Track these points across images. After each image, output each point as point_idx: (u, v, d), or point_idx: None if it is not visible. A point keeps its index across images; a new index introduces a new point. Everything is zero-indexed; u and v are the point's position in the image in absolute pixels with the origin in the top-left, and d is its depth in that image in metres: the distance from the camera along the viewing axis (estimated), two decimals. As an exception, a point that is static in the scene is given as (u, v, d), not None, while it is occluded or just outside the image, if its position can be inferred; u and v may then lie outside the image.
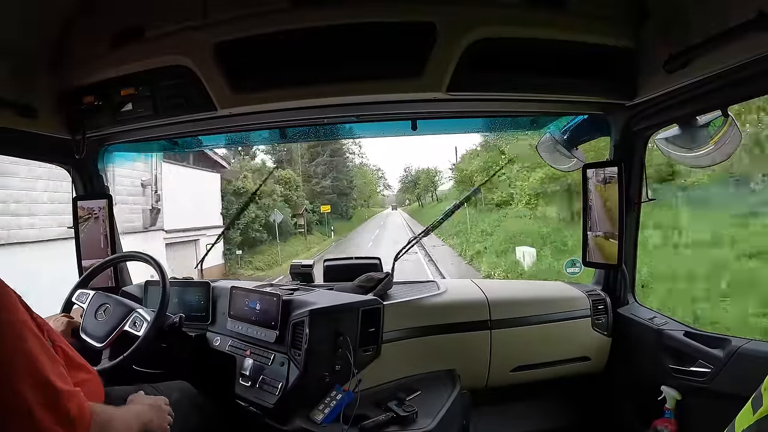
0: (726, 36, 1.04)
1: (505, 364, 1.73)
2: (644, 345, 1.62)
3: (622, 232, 1.61)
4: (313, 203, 22.02)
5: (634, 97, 1.44)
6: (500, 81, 1.39)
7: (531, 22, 1.32)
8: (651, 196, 1.66)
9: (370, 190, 37.12)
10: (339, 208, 26.10)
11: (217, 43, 1.35)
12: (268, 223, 15.51)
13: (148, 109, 1.50)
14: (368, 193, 36.19)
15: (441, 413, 1.38)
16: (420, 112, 1.68)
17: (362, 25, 1.31)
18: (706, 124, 1.37)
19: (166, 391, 1.26)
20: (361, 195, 34.50)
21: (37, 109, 1.42)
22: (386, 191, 47.36)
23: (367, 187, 36.22)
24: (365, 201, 38.78)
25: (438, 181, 37.21)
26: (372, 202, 44.12)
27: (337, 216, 23.96)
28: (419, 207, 39.02)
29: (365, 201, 38.78)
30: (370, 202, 43.51)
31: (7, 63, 1.33)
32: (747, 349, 1.28)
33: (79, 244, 1.84)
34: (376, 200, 45.50)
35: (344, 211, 27.90)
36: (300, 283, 1.86)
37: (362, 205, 35.95)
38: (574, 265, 1.94)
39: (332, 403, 1.32)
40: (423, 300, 1.70)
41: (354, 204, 26.79)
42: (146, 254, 1.55)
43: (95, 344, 1.36)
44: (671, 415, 1.49)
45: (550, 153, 1.91)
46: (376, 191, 40.95)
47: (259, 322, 1.47)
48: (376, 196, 45.02)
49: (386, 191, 47.36)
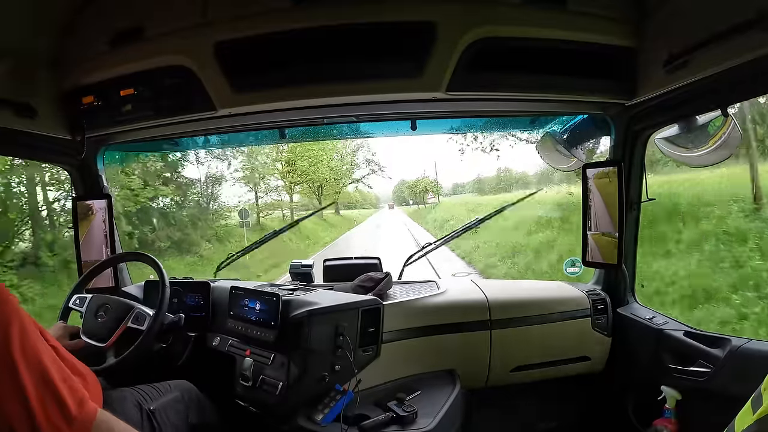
0: (726, 35, 1.04)
1: (505, 363, 1.73)
2: (644, 345, 1.62)
3: (621, 231, 1.61)
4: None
5: (634, 96, 1.44)
6: (500, 80, 1.39)
7: (531, 22, 1.32)
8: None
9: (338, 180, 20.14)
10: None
11: (217, 43, 1.34)
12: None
13: (148, 109, 1.49)
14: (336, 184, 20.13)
15: (441, 413, 1.38)
16: (420, 111, 1.68)
17: (362, 25, 1.31)
18: (706, 123, 1.37)
19: (164, 390, 1.27)
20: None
21: (37, 109, 1.42)
22: (376, 188, 29.57)
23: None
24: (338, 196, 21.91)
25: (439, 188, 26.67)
26: (359, 201, 28.24)
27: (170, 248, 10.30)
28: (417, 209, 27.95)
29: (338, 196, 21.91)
30: (367, 202, 28.91)
31: (6, 63, 1.32)
32: (747, 348, 1.28)
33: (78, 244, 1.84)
34: (356, 198, 27.72)
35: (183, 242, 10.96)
36: (300, 283, 1.86)
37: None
38: (574, 265, 1.94)
39: (332, 403, 1.32)
40: (423, 300, 1.70)
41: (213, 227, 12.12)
42: (146, 254, 1.56)
43: (98, 345, 1.36)
44: (671, 415, 1.49)
45: (549, 153, 1.91)
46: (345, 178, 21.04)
47: (259, 322, 1.47)
48: (359, 195, 27.96)
49: (376, 188, 29.57)
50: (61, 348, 0.99)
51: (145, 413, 1.15)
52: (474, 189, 27.14)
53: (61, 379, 0.74)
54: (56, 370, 0.75)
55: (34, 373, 0.71)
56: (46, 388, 0.72)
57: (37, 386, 0.71)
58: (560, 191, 10.50)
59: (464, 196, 26.71)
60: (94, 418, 0.76)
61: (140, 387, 1.24)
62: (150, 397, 1.21)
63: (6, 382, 0.69)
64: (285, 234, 2.12)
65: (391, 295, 1.73)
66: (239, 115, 1.54)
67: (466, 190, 28.97)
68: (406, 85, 1.37)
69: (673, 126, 1.47)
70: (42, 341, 0.76)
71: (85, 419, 0.75)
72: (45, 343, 0.77)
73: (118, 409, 1.07)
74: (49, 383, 0.73)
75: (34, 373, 0.72)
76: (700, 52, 1.13)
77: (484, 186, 25.30)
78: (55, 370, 0.75)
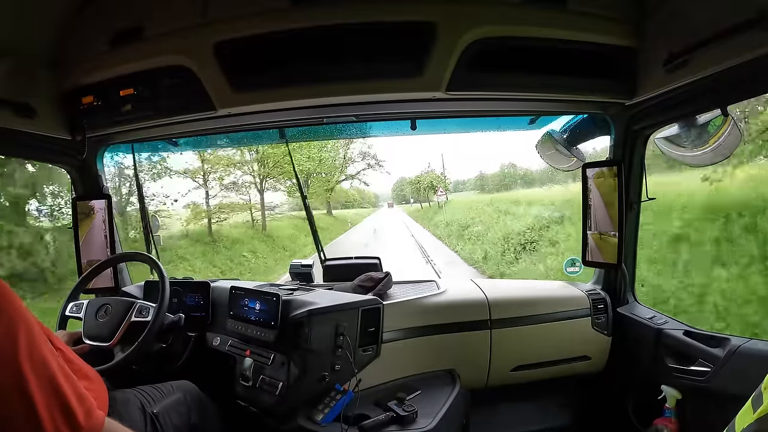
0: (726, 35, 1.04)
1: (505, 363, 1.73)
2: (644, 344, 1.62)
3: (621, 231, 1.61)
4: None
5: (634, 96, 1.44)
6: (500, 80, 1.39)
7: (531, 21, 1.32)
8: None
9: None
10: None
11: (217, 43, 1.34)
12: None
13: (148, 109, 1.49)
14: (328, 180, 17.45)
15: (441, 413, 1.38)
16: (419, 111, 1.68)
17: (362, 25, 1.31)
18: (706, 123, 1.37)
19: (166, 391, 1.27)
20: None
21: (37, 109, 1.42)
22: (374, 185, 26.76)
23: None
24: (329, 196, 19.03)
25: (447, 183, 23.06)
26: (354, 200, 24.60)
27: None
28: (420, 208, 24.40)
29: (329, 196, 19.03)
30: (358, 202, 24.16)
31: (6, 63, 1.32)
32: (747, 348, 1.28)
33: (78, 244, 1.84)
34: (353, 196, 24.60)
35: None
36: (300, 283, 1.86)
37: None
38: (574, 264, 1.94)
39: (332, 402, 1.32)
40: (423, 299, 1.70)
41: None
42: (145, 254, 1.56)
43: (103, 344, 1.37)
44: (671, 414, 1.49)
45: (549, 152, 1.91)
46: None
47: (259, 322, 1.47)
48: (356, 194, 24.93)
49: (374, 185, 26.76)
50: (69, 351, 0.98)
51: (149, 417, 1.14)
52: (476, 186, 25.21)
53: (69, 387, 0.73)
54: (64, 377, 0.74)
55: (41, 381, 0.70)
56: (54, 396, 0.70)
57: (44, 394, 0.69)
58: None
59: (465, 194, 24.22)
60: (101, 428, 0.76)
61: (142, 388, 1.24)
62: (153, 399, 1.21)
63: (13, 390, 0.67)
64: (256, 243, 1.84)
65: (391, 294, 1.73)
66: (239, 115, 1.54)
67: (468, 188, 26.85)
68: (406, 85, 1.37)
69: (673, 125, 1.47)
70: (49, 346, 0.75)
71: (92, 429, 0.74)
72: (52, 349, 0.76)
73: (122, 412, 1.07)
74: (58, 391, 0.71)
75: (42, 381, 0.70)
76: (700, 51, 1.13)
77: (487, 183, 23.37)
78: (63, 377, 0.73)
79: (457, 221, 13.99)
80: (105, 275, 1.75)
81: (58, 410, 0.70)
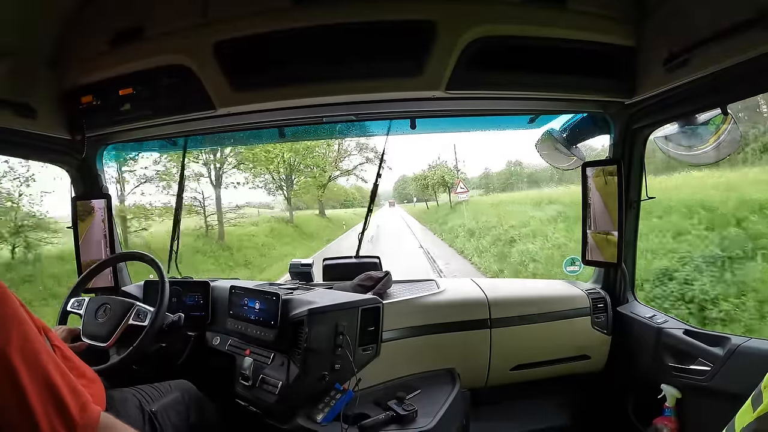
0: (726, 34, 1.04)
1: (504, 362, 1.73)
2: (644, 343, 1.62)
3: (621, 230, 1.61)
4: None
5: (634, 95, 1.44)
6: (499, 79, 1.39)
7: (531, 20, 1.32)
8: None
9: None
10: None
11: (217, 43, 1.34)
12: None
13: (148, 108, 1.49)
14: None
15: (441, 412, 1.38)
16: (419, 110, 1.68)
17: (361, 24, 1.31)
18: (706, 122, 1.37)
19: (165, 390, 1.27)
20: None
21: (37, 108, 1.42)
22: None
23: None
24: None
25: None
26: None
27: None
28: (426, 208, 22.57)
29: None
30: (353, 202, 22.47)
31: (6, 63, 1.32)
32: (747, 347, 1.28)
33: (78, 244, 1.84)
34: (352, 194, 22.56)
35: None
36: (299, 282, 1.86)
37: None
38: (574, 263, 1.94)
39: (332, 402, 1.32)
40: (423, 299, 1.70)
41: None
42: (144, 254, 1.55)
43: (100, 345, 1.36)
44: (671, 414, 1.49)
45: (549, 151, 1.91)
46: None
47: (259, 322, 1.47)
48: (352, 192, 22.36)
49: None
50: (66, 348, 0.98)
51: (147, 415, 1.14)
52: (480, 185, 23.81)
53: (63, 383, 0.73)
54: (59, 373, 0.74)
55: (35, 377, 0.70)
56: (48, 393, 0.71)
57: (38, 391, 0.70)
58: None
59: (471, 193, 20.59)
60: (97, 423, 0.75)
61: (141, 387, 1.24)
62: (151, 398, 1.21)
63: (4, 381, 0.68)
64: (199, 260, 1.60)
65: (390, 294, 1.73)
66: (239, 114, 1.54)
67: (470, 186, 23.75)
68: (406, 84, 1.37)
69: (673, 124, 1.47)
70: (44, 343, 0.75)
71: (87, 424, 0.74)
72: (47, 346, 0.76)
73: (120, 410, 1.07)
74: (52, 387, 0.71)
75: (36, 377, 0.70)
76: (700, 50, 1.13)
77: (492, 182, 22.41)
78: (58, 374, 0.73)
79: (484, 227, 9.91)
80: (104, 275, 1.75)
81: (51, 403, 0.70)
